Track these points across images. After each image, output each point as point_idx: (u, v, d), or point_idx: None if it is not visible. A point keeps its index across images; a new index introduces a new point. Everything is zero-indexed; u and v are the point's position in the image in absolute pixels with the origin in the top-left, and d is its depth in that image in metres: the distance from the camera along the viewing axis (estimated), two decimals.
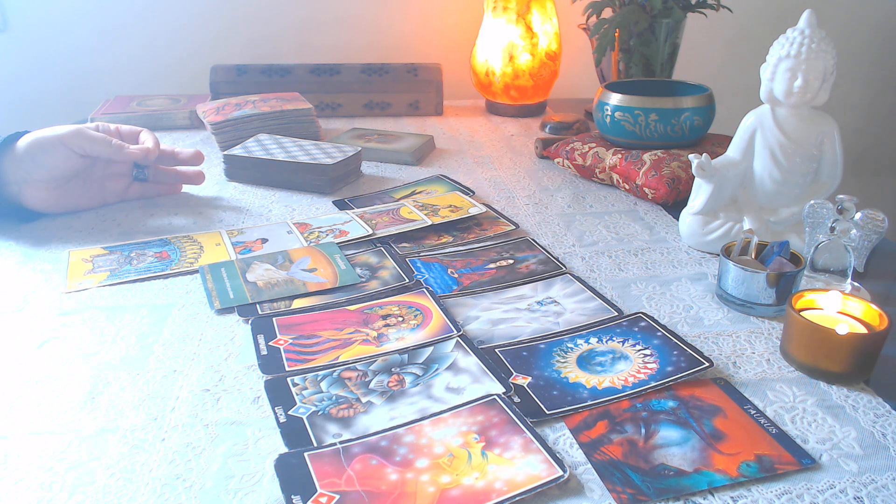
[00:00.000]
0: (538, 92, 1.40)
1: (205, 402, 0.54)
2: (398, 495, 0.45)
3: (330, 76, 1.37)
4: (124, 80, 1.50)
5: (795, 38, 0.74)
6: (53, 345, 0.62)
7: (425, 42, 1.56)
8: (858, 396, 0.55)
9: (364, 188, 1.01)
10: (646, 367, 0.58)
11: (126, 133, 0.92)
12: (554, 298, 0.70)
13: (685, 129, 0.99)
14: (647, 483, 0.46)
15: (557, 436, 0.51)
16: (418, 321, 0.65)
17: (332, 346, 0.61)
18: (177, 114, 1.28)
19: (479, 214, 0.88)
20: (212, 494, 0.46)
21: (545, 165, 1.11)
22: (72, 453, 0.49)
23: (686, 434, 0.51)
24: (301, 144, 1.04)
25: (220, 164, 1.04)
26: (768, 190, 0.78)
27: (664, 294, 0.71)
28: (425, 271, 0.75)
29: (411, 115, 1.41)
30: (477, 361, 0.59)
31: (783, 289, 0.65)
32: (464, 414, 0.52)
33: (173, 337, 0.63)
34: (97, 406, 0.54)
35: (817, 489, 0.46)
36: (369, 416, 0.53)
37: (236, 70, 1.37)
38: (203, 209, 0.93)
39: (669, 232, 0.86)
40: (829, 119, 0.76)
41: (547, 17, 1.38)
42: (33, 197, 0.85)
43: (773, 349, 0.62)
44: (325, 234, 0.83)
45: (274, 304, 0.68)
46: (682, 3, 1.21)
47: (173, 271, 0.75)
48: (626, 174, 0.96)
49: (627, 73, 1.26)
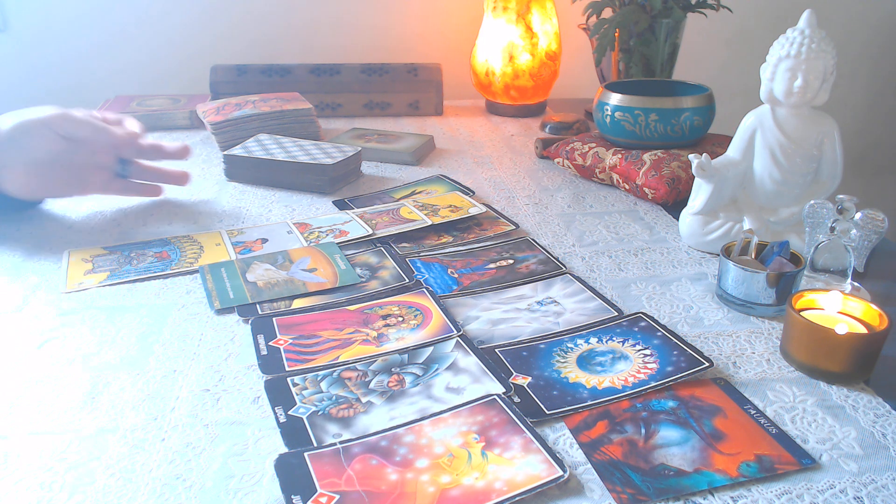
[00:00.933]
0: (538, 92, 1.40)
1: (205, 402, 0.54)
2: (398, 495, 0.45)
3: (330, 76, 1.37)
4: (124, 80, 1.50)
5: (795, 38, 0.74)
6: (53, 345, 0.62)
7: (425, 42, 1.56)
8: (858, 396, 0.55)
9: (364, 188, 1.01)
10: (646, 367, 0.58)
11: (111, 120, 0.91)
12: (554, 298, 0.70)
13: (685, 129, 0.99)
14: (647, 483, 0.46)
15: (557, 436, 0.51)
16: (418, 321, 0.65)
17: (332, 346, 0.61)
18: (177, 114, 1.28)
19: (479, 214, 0.88)
20: (212, 494, 0.46)
21: (545, 165, 1.11)
22: (72, 453, 0.49)
23: (686, 434, 0.51)
24: (301, 144, 1.04)
25: (220, 164, 1.04)
26: (768, 190, 0.78)
27: (664, 294, 0.71)
28: (425, 271, 0.75)
29: (411, 115, 1.41)
30: (477, 361, 0.59)
31: (783, 289, 0.65)
32: (464, 414, 0.52)
33: (173, 337, 0.63)
34: (97, 406, 0.54)
35: (817, 489, 0.46)
36: (369, 416, 0.53)
37: (236, 70, 1.37)
38: (203, 209, 0.93)
39: (669, 232, 0.86)
40: (829, 119, 0.76)
41: (547, 17, 1.38)
42: (12, 182, 0.82)
43: (773, 349, 0.62)
44: (325, 234, 0.83)
45: (274, 304, 0.68)
46: (682, 3, 1.21)
47: (173, 271, 0.75)
48: (626, 174, 0.96)
49: (627, 73, 1.26)
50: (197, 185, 1.01)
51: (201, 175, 1.05)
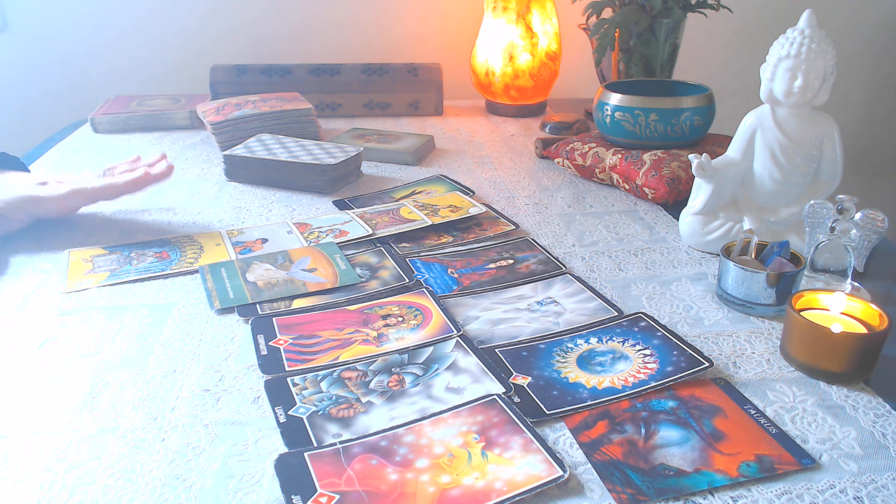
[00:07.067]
0: (538, 92, 1.40)
1: (205, 402, 0.54)
2: (398, 495, 0.45)
3: (330, 76, 1.37)
4: (124, 80, 1.50)
5: (795, 38, 0.74)
6: (53, 345, 0.62)
7: (425, 42, 1.56)
8: (858, 396, 0.55)
9: (364, 188, 1.01)
10: (646, 367, 0.58)
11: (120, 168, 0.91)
12: (554, 298, 0.70)
13: (685, 129, 0.99)
14: (647, 483, 0.46)
15: (557, 436, 0.51)
16: (418, 321, 0.65)
17: (332, 346, 0.61)
18: (177, 114, 1.28)
19: (479, 214, 0.87)
20: (212, 494, 0.46)
21: (545, 165, 1.11)
22: (72, 453, 0.49)
23: (686, 434, 0.51)
24: (303, 144, 1.04)
25: (220, 164, 1.04)
26: (768, 190, 0.78)
27: (664, 294, 0.71)
28: (425, 271, 0.75)
29: (411, 115, 1.40)
30: (477, 361, 0.59)
31: (783, 289, 0.65)
32: (464, 414, 0.52)
33: (173, 337, 0.63)
34: (97, 406, 0.54)
35: (817, 489, 0.46)
36: (369, 416, 0.53)
37: (236, 70, 1.37)
38: (203, 209, 0.93)
39: (669, 232, 0.86)
40: (829, 119, 0.76)
41: (547, 17, 1.38)
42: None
43: (773, 349, 0.62)
44: (325, 234, 0.83)
45: (274, 304, 0.68)
46: (682, 3, 1.21)
47: (173, 271, 0.75)
48: (626, 174, 0.96)
49: (627, 73, 1.26)
50: (197, 185, 1.01)
51: (201, 175, 1.05)
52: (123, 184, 0.84)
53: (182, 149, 1.17)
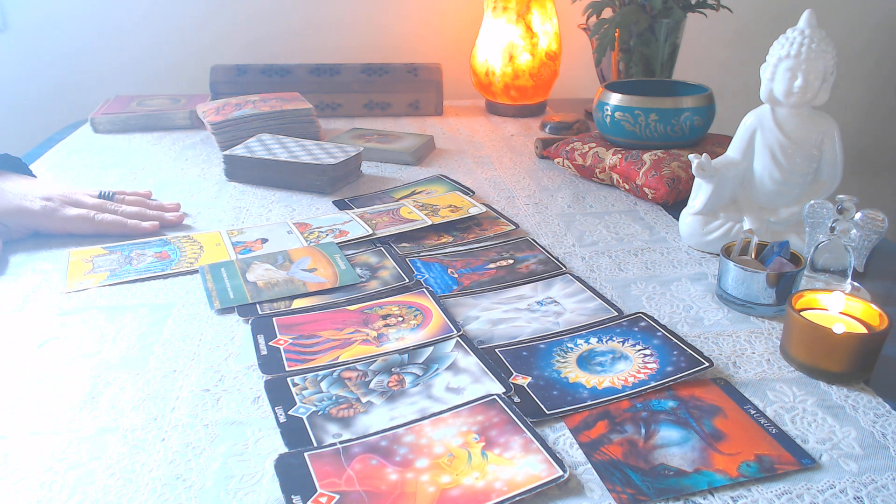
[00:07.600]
0: (538, 92, 1.40)
1: (205, 402, 0.54)
2: (398, 495, 0.45)
3: (330, 76, 1.37)
4: (124, 80, 1.50)
5: (795, 38, 0.74)
6: (53, 345, 0.62)
7: (425, 42, 1.56)
8: (858, 396, 0.55)
9: (364, 188, 1.01)
10: (646, 367, 0.58)
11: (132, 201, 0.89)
12: (554, 298, 0.70)
13: (685, 129, 0.99)
14: (647, 483, 0.46)
15: (557, 436, 0.51)
16: (418, 321, 0.65)
17: (332, 346, 0.61)
18: (177, 114, 1.28)
19: (479, 214, 0.87)
20: (212, 494, 0.46)
21: (545, 165, 1.11)
22: (72, 453, 0.49)
23: (686, 434, 0.51)
24: (303, 144, 1.04)
25: (220, 164, 1.04)
26: (768, 190, 0.78)
27: (664, 294, 0.71)
28: (425, 271, 0.75)
29: (411, 115, 1.40)
30: (477, 361, 0.59)
31: (783, 289, 0.65)
32: (464, 414, 0.52)
33: (173, 337, 0.63)
34: (97, 406, 0.54)
35: (817, 489, 0.46)
36: (369, 416, 0.53)
37: (236, 70, 1.37)
38: (203, 209, 0.93)
39: (669, 232, 0.86)
40: (829, 119, 0.76)
41: (547, 17, 1.38)
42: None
43: (773, 349, 0.62)
44: (325, 234, 0.83)
45: (274, 304, 0.68)
46: (682, 3, 1.21)
47: (173, 271, 0.75)
48: (626, 174, 0.96)
49: (627, 73, 1.26)
50: (197, 185, 1.01)
51: (201, 175, 1.05)
52: (132, 228, 0.84)
53: (182, 149, 1.17)
